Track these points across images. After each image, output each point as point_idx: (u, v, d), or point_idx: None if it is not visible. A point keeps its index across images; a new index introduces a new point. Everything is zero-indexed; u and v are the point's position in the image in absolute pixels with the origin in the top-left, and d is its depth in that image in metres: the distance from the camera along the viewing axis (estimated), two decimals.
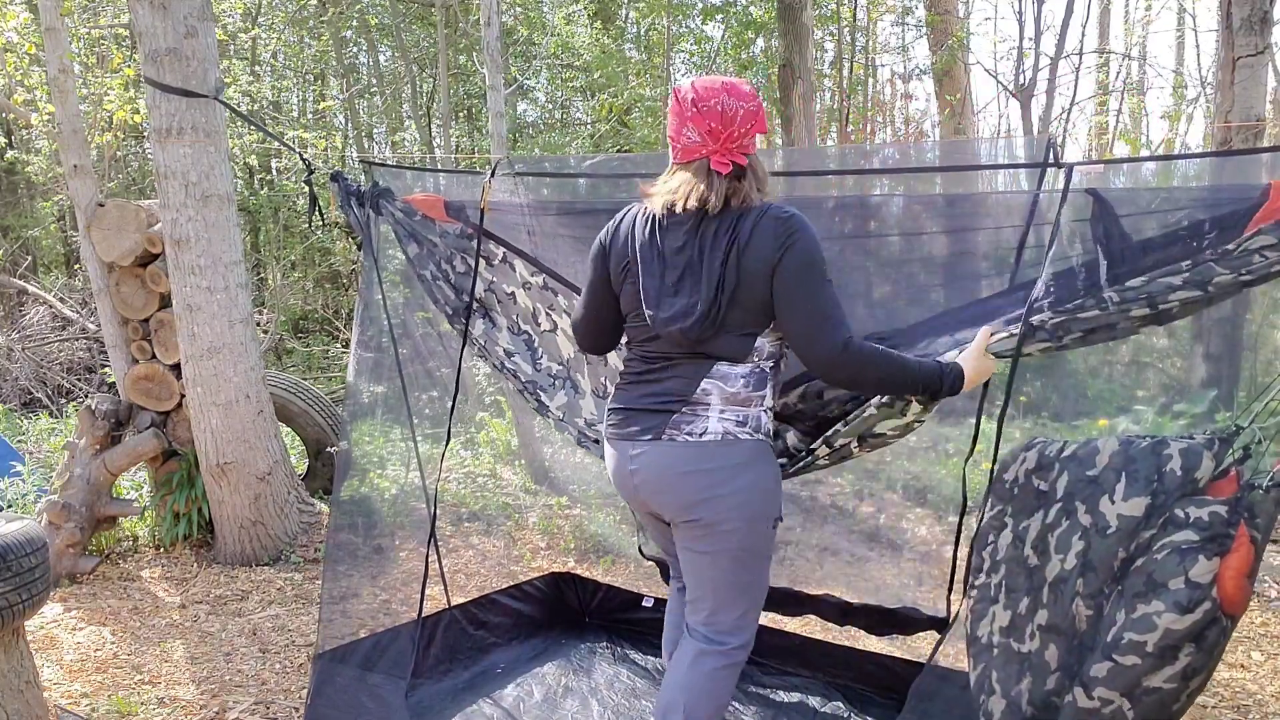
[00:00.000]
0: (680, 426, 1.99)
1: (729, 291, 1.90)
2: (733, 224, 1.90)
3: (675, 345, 2.00)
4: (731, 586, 2.05)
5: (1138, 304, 1.89)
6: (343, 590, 3.06)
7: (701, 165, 1.93)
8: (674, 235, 1.96)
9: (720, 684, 2.08)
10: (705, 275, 1.91)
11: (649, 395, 2.05)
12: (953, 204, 2.59)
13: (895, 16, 12.86)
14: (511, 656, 3.16)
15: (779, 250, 1.87)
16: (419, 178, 3.40)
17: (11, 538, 2.21)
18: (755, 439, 2.01)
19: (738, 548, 2.00)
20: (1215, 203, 1.95)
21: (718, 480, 1.96)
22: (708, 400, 1.98)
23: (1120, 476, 1.86)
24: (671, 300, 1.96)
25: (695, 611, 2.12)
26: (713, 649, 2.08)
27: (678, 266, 1.95)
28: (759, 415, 2.02)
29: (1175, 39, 15.36)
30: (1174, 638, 1.66)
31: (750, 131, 1.93)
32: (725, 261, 1.89)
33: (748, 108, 1.92)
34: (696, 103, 1.91)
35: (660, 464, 2.01)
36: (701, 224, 1.93)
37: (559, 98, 13.16)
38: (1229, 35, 4.45)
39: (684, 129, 1.93)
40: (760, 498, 2.00)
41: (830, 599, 3.01)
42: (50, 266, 12.98)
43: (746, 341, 1.96)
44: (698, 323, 1.92)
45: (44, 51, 4.71)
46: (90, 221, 4.39)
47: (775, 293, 1.89)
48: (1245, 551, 1.65)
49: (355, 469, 3.04)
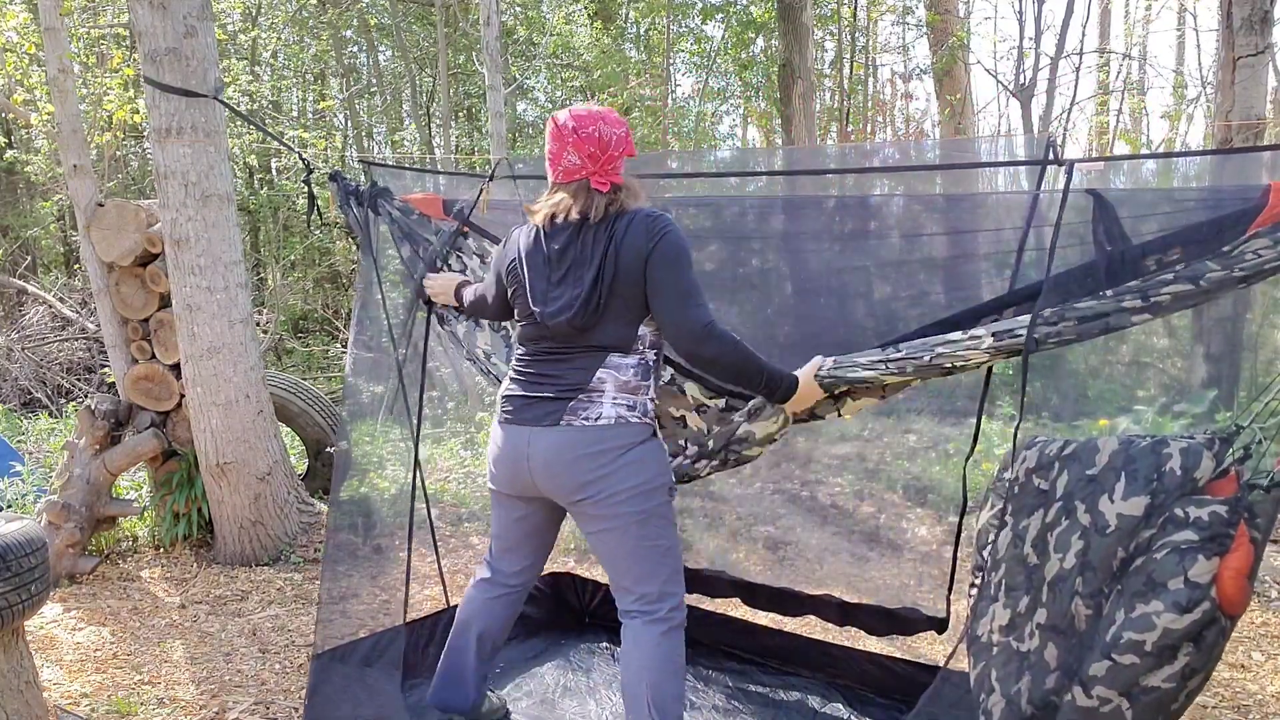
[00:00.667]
0: (577, 412, 2.18)
1: (608, 282, 2.11)
2: (610, 226, 2.14)
3: (566, 339, 2.20)
4: (646, 555, 2.22)
5: (1130, 295, 1.91)
6: (342, 590, 3.05)
7: (582, 185, 2.17)
8: (557, 240, 2.19)
9: (669, 650, 2.23)
10: (586, 270, 2.13)
11: (547, 384, 2.23)
12: (953, 204, 2.59)
13: (895, 16, 12.86)
14: (511, 656, 3.16)
15: (650, 242, 2.10)
16: (418, 178, 3.40)
17: (11, 538, 2.21)
18: (644, 422, 2.22)
19: (638, 513, 2.18)
20: (1215, 204, 1.95)
21: (611, 458, 2.16)
22: (603, 388, 2.18)
23: (1120, 476, 1.86)
24: (557, 295, 2.18)
25: (622, 595, 2.28)
26: (650, 620, 2.24)
27: (562, 266, 2.18)
28: (645, 403, 2.24)
29: (1175, 39, 15.36)
30: (1172, 637, 1.66)
31: (622, 154, 2.19)
32: (604, 257, 2.11)
33: (619, 134, 2.18)
34: (576, 130, 2.15)
35: (558, 447, 2.18)
36: (582, 230, 2.16)
37: (559, 98, 13.16)
38: (1229, 35, 4.45)
39: (564, 153, 2.17)
40: (650, 466, 2.20)
41: (830, 599, 3.02)
42: (50, 266, 12.98)
43: (630, 330, 2.18)
44: (579, 311, 2.13)
45: (44, 51, 4.71)
46: (90, 221, 4.39)
47: (648, 279, 2.11)
48: (1245, 551, 1.65)
49: (355, 469, 3.04)
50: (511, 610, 2.55)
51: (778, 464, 5.16)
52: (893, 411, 5.51)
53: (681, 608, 2.28)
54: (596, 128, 2.15)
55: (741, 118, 14.30)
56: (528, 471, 2.25)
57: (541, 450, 2.20)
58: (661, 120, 10.44)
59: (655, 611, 2.24)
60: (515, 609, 2.56)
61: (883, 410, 5.57)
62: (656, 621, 2.23)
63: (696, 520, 4.63)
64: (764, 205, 2.97)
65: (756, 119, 13.20)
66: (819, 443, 5.21)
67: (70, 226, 11.42)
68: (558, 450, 2.18)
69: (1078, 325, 1.95)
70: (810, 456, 5.15)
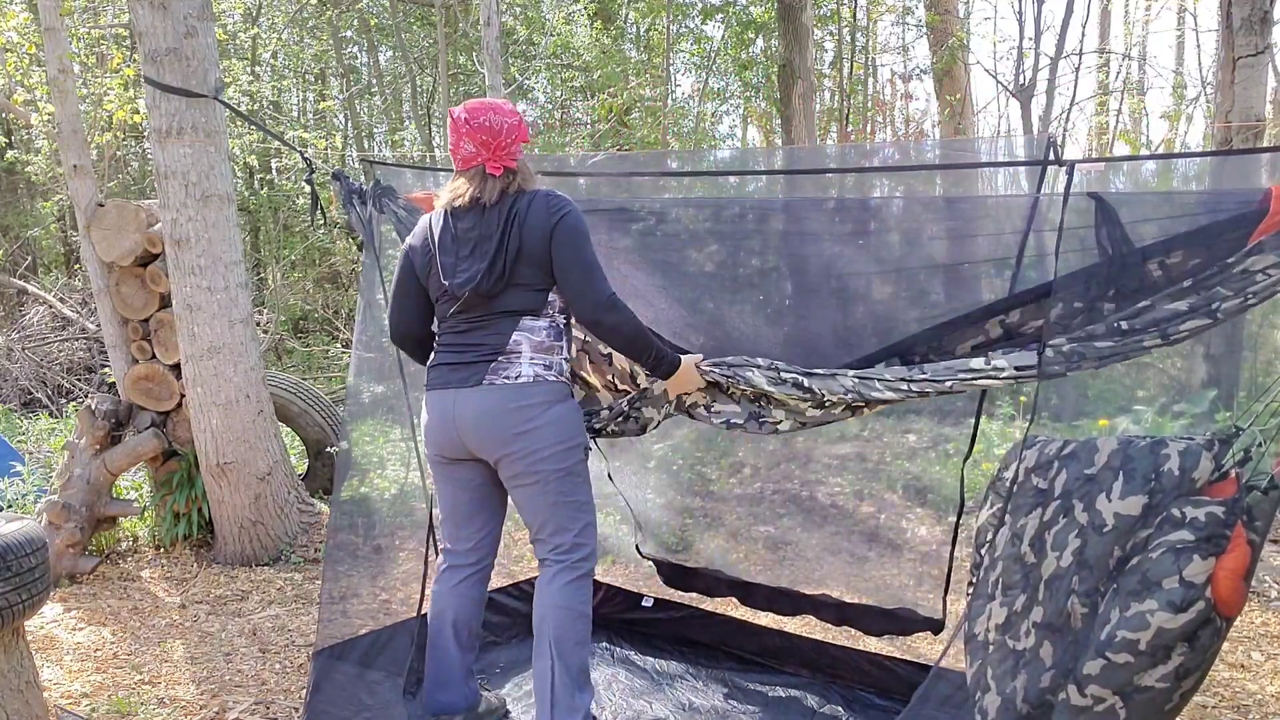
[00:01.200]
0: (498, 372, 2.35)
1: (512, 253, 2.29)
2: (511, 205, 2.32)
3: (479, 308, 2.36)
4: (564, 507, 2.41)
5: (1149, 334, 1.93)
6: (342, 590, 3.06)
7: (478, 170, 2.35)
8: (463, 221, 2.36)
9: (573, 594, 2.42)
10: (490, 244, 2.30)
11: (468, 350, 2.39)
12: (953, 205, 2.59)
13: (895, 16, 12.87)
14: (511, 656, 3.16)
15: (552, 218, 2.29)
16: (420, 177, 3.40)
17: (11, 538, 2.21)
18: (560, 381, 2.42)
19: (556, 470, 2.37)
20: (1216, 208, 1.95)
21: (533, 414, 2.34)
22: (519, 349, 2.36)
23: (1118, 475, 1.87)
24: (466, 267, 2.34)
25: (541, 544, 2.47)
26: (562, 567, 2.43)
27: (469, 242, 2.35)
28: (560, 363, 2.43)
29: (1175, 39, 15.37)
30: (1167, 637, 1.66)
31: (515, 140, 2.35)
32: (508, 231, 2.29)
33: (510, 122, 2.35)
34: (469, 120, 2.33)
35: (483, 405, 2.35)
36: (485, 211, 2.34)
37: (559, 98, 13.16)
38: (1229, 35, 4.45)
39: (461, 143, 2.35)
40: (569, 426, 2.40)
41: (827, 599, 3.02)
42: (50, 266, 12.98)
43: (539, 295, 2.36)
44: (486, 278, 2.30)
45: (44, 51, 4.72)
46: (90, 221, 4.39)
47: (553, 255, 2.30)
48: (1241, 553, 1.65)
49: (355, 469, 3.04)
50: (479, 591, 2.61)
51: (778, 464, 5.16)
52: (893, 411, 5.51)
53: (592, 558, 2.47)
54: (487, 117, 2.32)
55: (741, 118, 14.31)
56: (456, 431, 2.40)
57: (468, 409, 2.36)
58: (661, 120, 10.43)
59: (566, 560, 2.43)
60: (482, 589, 2.63)
61: (883, 410, 5.57)
62: (567, 569, 2.43)
63: (696, 520, 4.63)
64: (764, 205, 2.97)
65: (756, 119, 13.21)
66: (819, 443, 5.21)
67: (70, 226, 11.42)
68: (483, 408, 2.35)
69: (1097, 362, 1.98)
70: (810, 456, 5.15)
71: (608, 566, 4.19)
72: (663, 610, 3.35)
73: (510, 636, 3.29)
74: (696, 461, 5.13)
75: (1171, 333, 1.90)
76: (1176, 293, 1.91)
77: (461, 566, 2.59)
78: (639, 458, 4.17)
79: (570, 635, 2.40)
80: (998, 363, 2.13)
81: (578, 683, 2.41)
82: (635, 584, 3.76)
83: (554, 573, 2.43)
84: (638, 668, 3.07)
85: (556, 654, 2.39)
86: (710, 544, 4.44)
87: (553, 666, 2.39)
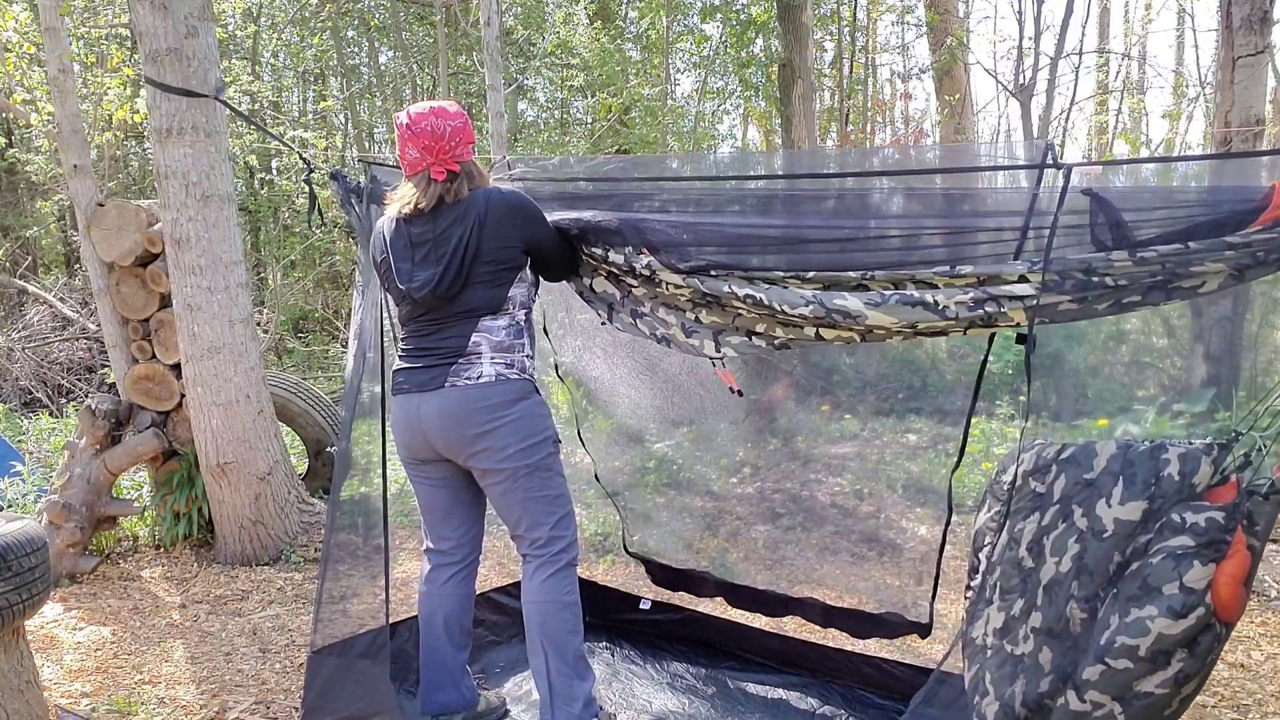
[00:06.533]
0: (459, 374, 2.37)
1: (471, 253, 2.30)
2: (465, 208, 2.32)
3: (437, 311, 2.38)
4: (537, 502, 2.42)
5: (1166, 263, 1.81)
6: (342, 590, 3.05)
7: (423, 175, 2.35)
8: (415, 226, 2.37)
9: (557, 586, 2.43)
10: (446, 247, 2.31)
11: (429, 354, 2.40)
12: (951, 203, 2.58)
13: (895, 16, 12.87)
14: (511, 655, 3.17)
15: (514, 214, 2.34)
16: None
17: (11, 538, 2.21)
18: (523, 378, 2.43)
19: (524, 466, 2.38)
20: (1216, 204, 1.94)
21: (496, 414, 2.35)
22: (479, 350, 2.38)
23: (1118, 480, 1.86)
24: (420, 272, 2.35)
25: (520, 540, 2.49)
26: (542, 561, 2.44)
27: (423, 247, 2.36)
28: (523, 360, 2.44)
29: (1175, 39, 15.37)
30: (1166, 643, 1.66)
31: (461, 143, 2.35)
32: (465, 232, 2.29)
33: (454, 125, 2.35)
34: (410, 127, 2.33)
35: (446, 407, 2.37)
36: (436, 216, 2.34)
37: (558, 97, 13.16)
38: (1229, 35, 4.45)
39: (406, 149, 2.37)
40: (534, 422, 2.41)
41: (814, 601, 3.02)
42: (50, 266, 12.98)
43: (498, 292, 2.38)
44: (440, 282, 2.31)
45: (44, 51, 4.71)
46: (90, 221, 4.39)
47: (525, 240, 2.37)
48: (1241, 558, 1.64)
49: (355, 469, 3.04)
50: (467, 588, 2.63)
51: (778, 464, 5.16)
52: (893, 411, 5.52)
53: (571, 549, 2.48)
54: (429, 122, 2.33)
55: (741, 118, 14.31)
56: (423, 434, 2.43)
57: (431, 412, 2.39)
58: (661, 120, 10.43)
59: (545, 554, 2.44)
60: (470, 586, 2.65)
61: (883, 410, 5.57)
62: (547, 562, 2.44)
63: (696, 520, 4.63)
64: (763, 203, 2.97)
65: (756, 119, 13.21)
66: (819, 443, 5.21)
67: (70, 226, 11.41)
68: (446, 409, 2.37)
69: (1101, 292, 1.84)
70: (810, 456, 5.15)
71: (607, 567, 4.19)
72: (662, 612, 3.35)
73: (510, 635, 3.29)
74: (696, 461, 5.13)
75: (1181, 273, 1.79)
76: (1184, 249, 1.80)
77: (446, 565, 2.60)
78: (639, 458, 4.17)
79: (559, 626, 2.41)
80: (992, 291, 1.96)
81: (575, 671, 2.42)
82: (635, 585, 3.76)
83: (535, 567, 2.45)
84: (638, 667, 3.08)
85: (548, 646, 2.41)
86: (710, 544, 4.44)
87: (546, 660, 2.41)
